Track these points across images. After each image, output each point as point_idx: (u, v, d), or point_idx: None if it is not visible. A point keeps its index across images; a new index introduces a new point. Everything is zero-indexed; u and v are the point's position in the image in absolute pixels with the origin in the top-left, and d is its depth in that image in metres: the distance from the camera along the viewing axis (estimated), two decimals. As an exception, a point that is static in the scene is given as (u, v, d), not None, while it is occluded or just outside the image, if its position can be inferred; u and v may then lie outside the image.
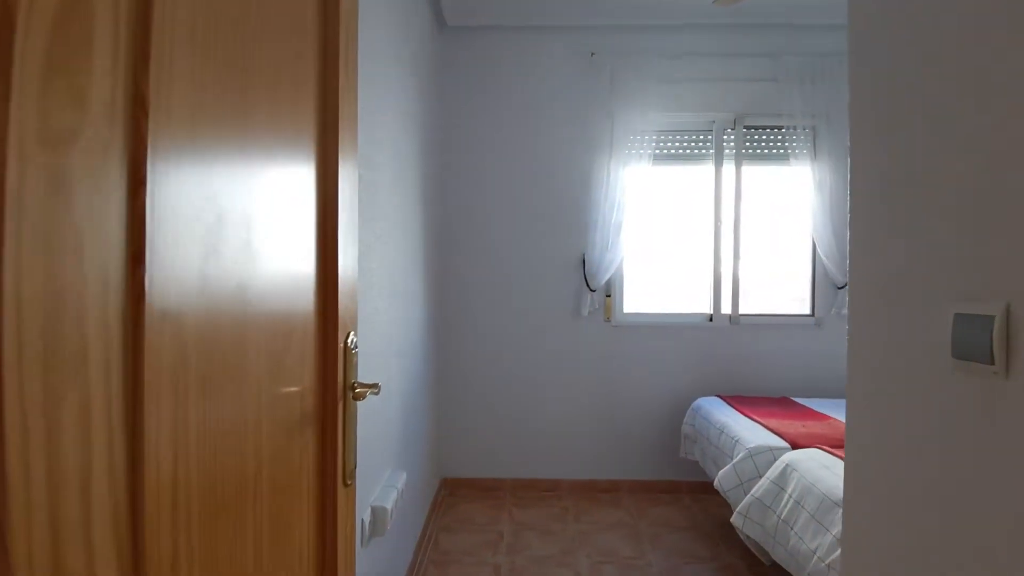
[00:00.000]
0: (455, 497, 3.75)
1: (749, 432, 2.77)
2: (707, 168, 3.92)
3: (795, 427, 2.82)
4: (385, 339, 2.30)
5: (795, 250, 4.00)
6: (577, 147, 3.85)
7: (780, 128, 3.87)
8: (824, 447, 2.45)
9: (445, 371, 3.86)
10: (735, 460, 2.64)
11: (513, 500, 3.70)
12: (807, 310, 3.99)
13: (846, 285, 3.97)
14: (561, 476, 3.87)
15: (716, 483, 2.69)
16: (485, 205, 3.88)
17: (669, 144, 3.91)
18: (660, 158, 3.88)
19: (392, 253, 2.41)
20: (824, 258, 3.81)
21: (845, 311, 3.83)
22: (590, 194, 3.80)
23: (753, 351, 3.89)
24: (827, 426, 2.85)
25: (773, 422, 2.89)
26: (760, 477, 2.53)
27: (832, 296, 3.89)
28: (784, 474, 2.34)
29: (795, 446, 2.57)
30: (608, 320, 3.88)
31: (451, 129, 3.85)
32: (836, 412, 3.14)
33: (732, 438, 2.81)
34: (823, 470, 2.19)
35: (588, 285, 3.80)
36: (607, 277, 3.79)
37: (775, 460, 2.51)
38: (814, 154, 3.79)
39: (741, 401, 3.35)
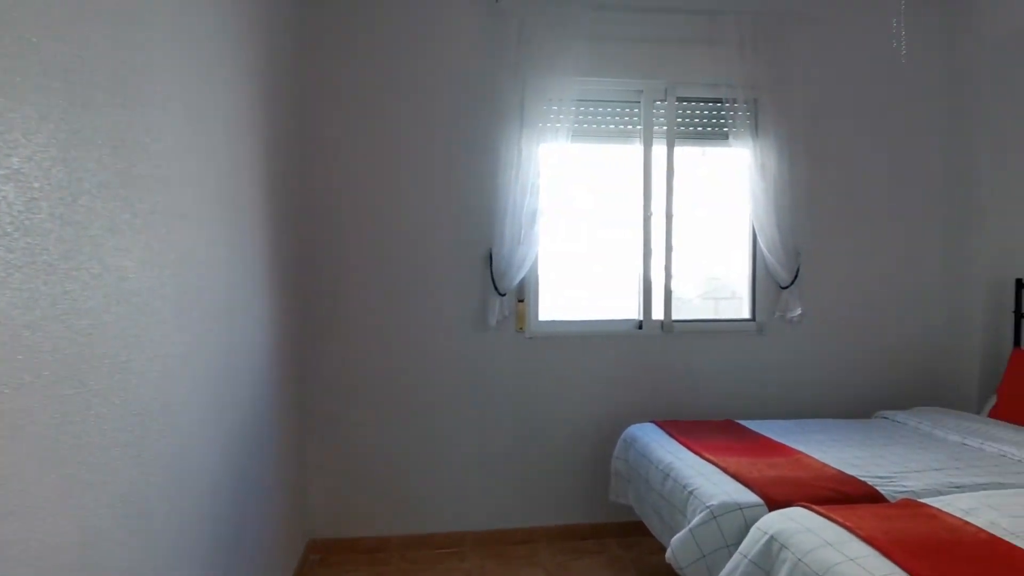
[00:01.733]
0: (327, 566, 2.89)
1: (705, 479, 2.12)
2: (635, 148, 3.28)
3: (759, 468, 2.20)
4: (186, 385, 1.45)
5: (735, 244, 3.45)
6: (480, 118, 3.09)
7: (718, 101, 3.29)
8: (809, 506, 1.82)
9: (309, 402, 2.99)
10: (693, 523, 1.97)
11: (403, 565, 2.89)
12: (747, 314, 3.44)
13: (791, 285, 3.48)
14: (464, 528, 3.10)
15: (669, 555, 2.02)
16: (363, 189, 3.04)
17: (591, 117, 3.23)
18: (580, 134, 3.20)
19: (191, 242, 1.55)
20: (767, 253, 3.26)
21: (790, 315, 3.31)
22: (497, 176, 3.05)
23: (689, 364, 3.29)
24: (797, 464, 2.25)
25: (731, 461, 2.26)
26: (728, 546, 1.88)
27: (775, 298, 3.36)
28: (768, 551, 1.69)
29: (770, 501, 1.94)
30: (521, 330, 3.16)
31: (318, 89, 2.98)
32: (797, 441, 2.56)
33: (683, 487, 2.15)
34: (826, 548, 1.56)
35: (496, 288, 3.06)
36: (520, 278, 3.06)
37: (748, 524, 1.87)
38: (755, 132, 3.24)
39: (682, 429, 2.72)
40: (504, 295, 3.07)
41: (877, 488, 2.01)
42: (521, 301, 3.15)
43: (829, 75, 3.37)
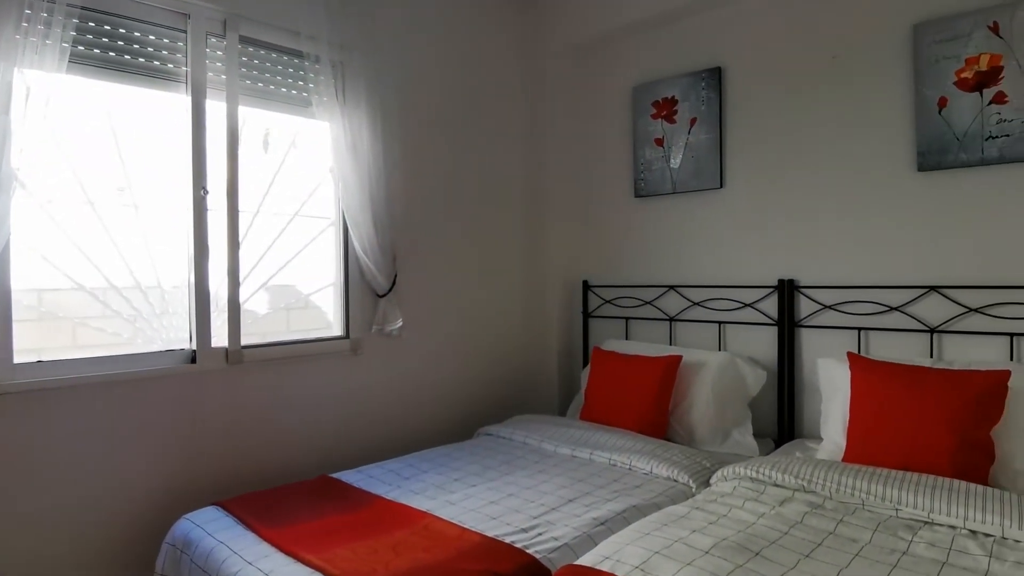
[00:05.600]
0: None
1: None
2: (179, 98, 2.25)
3: (384, 558, 1.53)
4: None
5: (320, 242, 2.73)
6: None
7: (298, 56, 2.53)
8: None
9: None
10: None
11: None
12: (339, 330, 2.76)
13: (389, 293, 2.93)
14: None
15: None
16: None
17: (105, 39, 2.07)
18: (85, 61, 2.02)
19: None
20: (362, 254, 2.65)
21: (390, 328, 2.78)
22: None
23: (267, 405, 2.44)
24: (429, 536, 1.66)
25: (342, 558, 1.53)
26: None
27: (372, 308, 2.78)
28: None
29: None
30: (-38, 385, 1.80)
31: None
32: (415, 493, 1.99)
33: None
34: None
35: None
36: (-47, 292, 1.72)
37: None
38: (343, 101, 2.60)
39: (261, 510, 1.85)
40: (-79, 324, 1.68)
41: (531, 552, 1.56)
42: (-38, 333, 1.79)
43: (421, 45, 2.96)
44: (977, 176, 2.20)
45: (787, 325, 2.66)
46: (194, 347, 2.26)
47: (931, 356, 2.27)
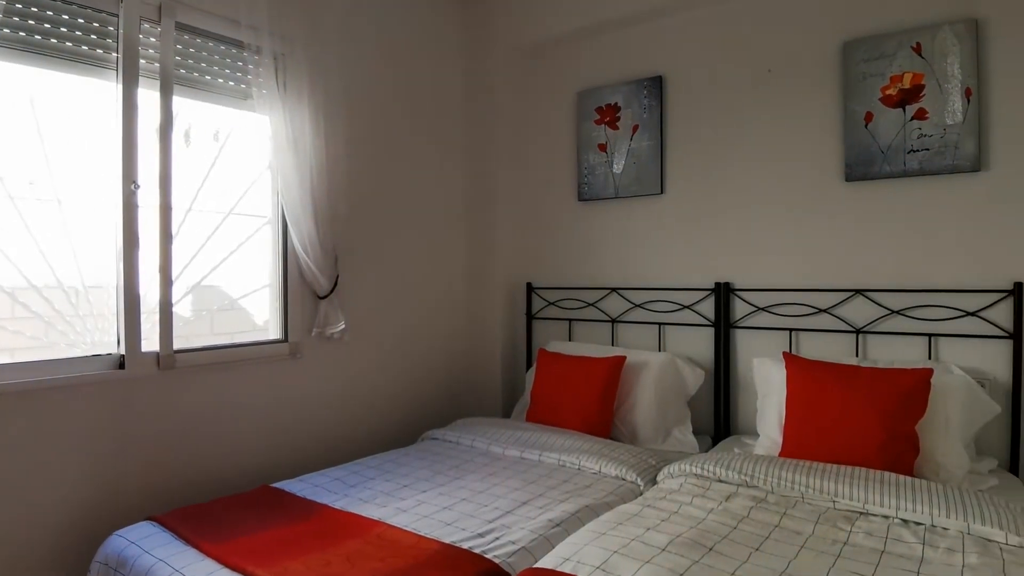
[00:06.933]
0: None
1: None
2: (108, 86, 2.10)
3: (336, 566, 1.48)
4: None
5: (256, 240, 2.61)
6: None
7: (239, 46, 2.42)
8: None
9: None
10: None
11: None
12: (277, 333, 2.66)
13: (331, 294, 2.83)
14: None
15: None
16: None
17: (30, 21, 1.90)
18: (6, 44, 1.85)
19: None
20: (302, 254, 2.57)
21: (331, 331, 2.70)
22: None
23: (202, 413, 2.31)
24: (383, 546, 1.62)
25: (293, 570, 1.47)
26: None
27: (312, 311, 2.69)
28: None
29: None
30: None
31: None
32: (363, 501, 1.94)
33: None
34: None
35: None
36: None
37: None
38: (283, 94, 2.50)
39: (199, 524, 1.75)
40: None
41: (490, 558, 1.55)
42: None
43: (366, 38, 2.90)
44: (899, 187, 2.36)
45: (723, 326, 2.76)
46: (122, 351, 2.11)
47: (857, 355, 2.41)
